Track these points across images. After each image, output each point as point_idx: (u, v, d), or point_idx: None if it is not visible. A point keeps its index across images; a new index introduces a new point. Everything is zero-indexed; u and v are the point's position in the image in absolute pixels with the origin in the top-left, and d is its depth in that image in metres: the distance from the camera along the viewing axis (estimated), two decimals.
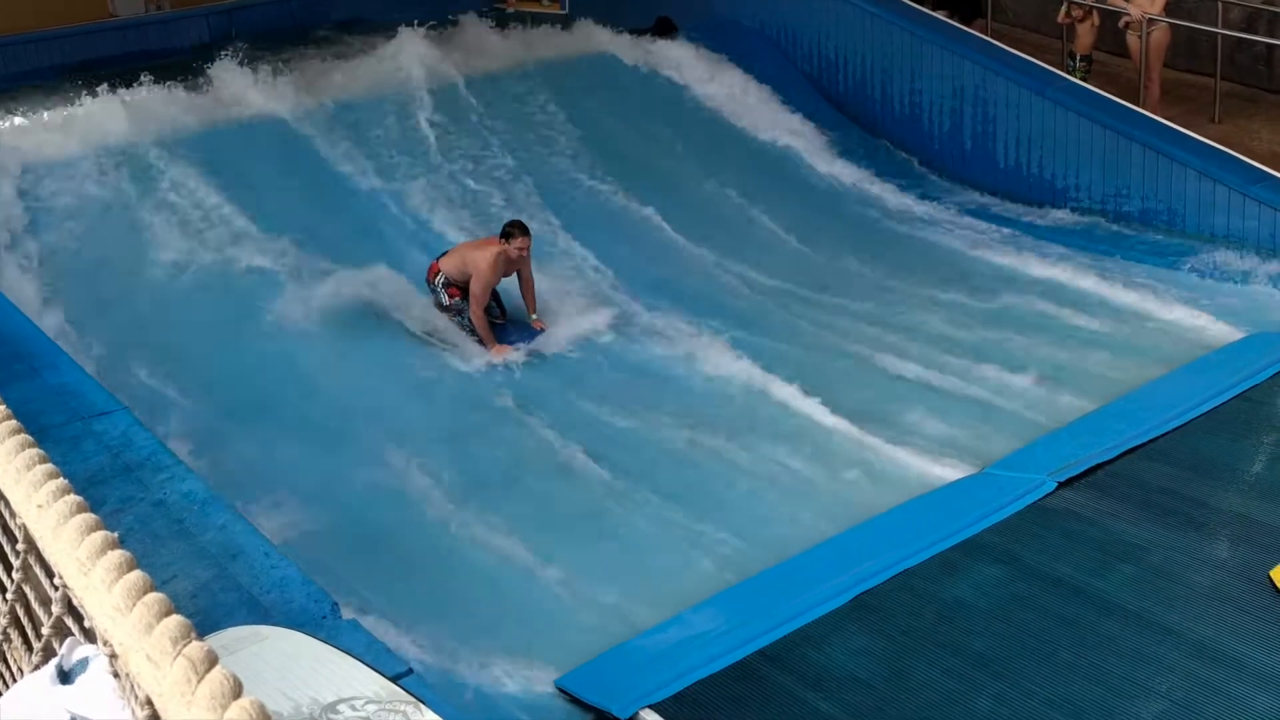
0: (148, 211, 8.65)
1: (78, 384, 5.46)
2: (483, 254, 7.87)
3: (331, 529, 6.06)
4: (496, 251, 7.86)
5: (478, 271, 7.82)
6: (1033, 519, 5.61)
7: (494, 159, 10.00)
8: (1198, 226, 8.96)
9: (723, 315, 8.38)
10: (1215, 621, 4.79)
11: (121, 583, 1.58)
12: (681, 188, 10.14)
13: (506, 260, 7.92)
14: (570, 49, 11.42)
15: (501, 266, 7.93)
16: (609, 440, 6.96)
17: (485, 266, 7.80)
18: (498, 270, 7.91)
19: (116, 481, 4.60)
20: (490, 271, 7.84)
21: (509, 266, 7.99)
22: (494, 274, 7.89)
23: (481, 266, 7.81)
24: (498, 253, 7.86)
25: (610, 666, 4.92)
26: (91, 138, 8.98)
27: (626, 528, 6.15)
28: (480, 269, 7.82)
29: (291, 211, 8.94)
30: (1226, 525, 5.55)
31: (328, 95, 10.03)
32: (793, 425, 7.01)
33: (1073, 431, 6.49)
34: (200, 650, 1.43)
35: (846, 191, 10.43)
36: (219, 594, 3.99)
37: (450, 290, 8.02)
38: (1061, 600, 5.00)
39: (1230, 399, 6.59)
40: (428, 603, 5.51)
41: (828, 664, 4.71)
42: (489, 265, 7.81)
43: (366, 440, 6.95)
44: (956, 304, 8.49)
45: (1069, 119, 9.65)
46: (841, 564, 5.37)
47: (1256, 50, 11.04)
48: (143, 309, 7.93)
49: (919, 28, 10.73)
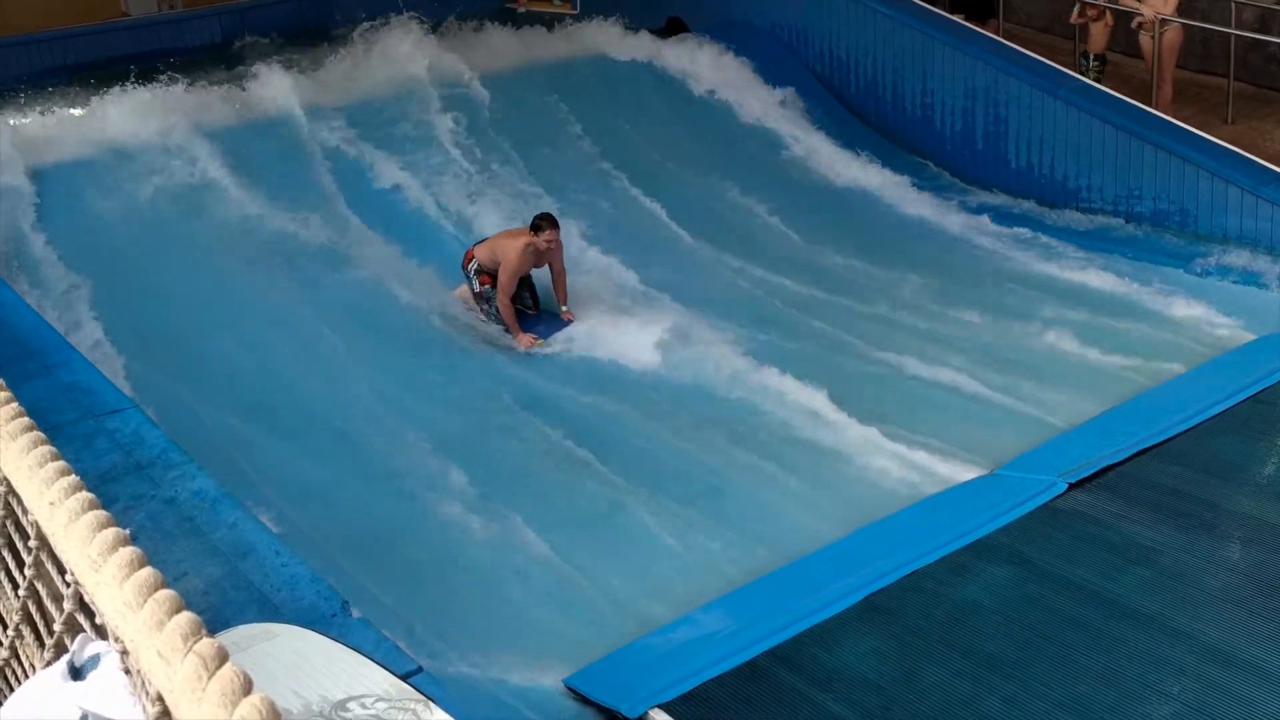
0: (161, 209, 8.68)
1: (90, 381, 5.47)
2: (513, 244, 8.02)
3: (341, 527, 6.08)
4: (525, 242, 7.99)
5: (505, 261, 7.99)
6: (1044, 520, 5.60)
7: (504, 157, 10.02)
8: (1210, 227, 8.92)
9: (734, 315, 8.37)
10: (1227, 624, 4.77)
11: (132, 579, 1.58)
12: (689, 185, 10.14)
13: (535, 251, 8.03)
14: (581, 49, 11.43)
15: (530, 258, 8.06)
16: (618, 439, 6.95)
17: (513, 256, 7.96)
18: (525, 261, 8.04)
19: (128, 479, 4.61)
20: (517, 261, 7.98)
21: (538, 258, 8.11)
22: (520, 264, 8.02)
23: (510, 256, 7.97)
24: (526, 244, 7.98)
25: (619, 665, 4.92)
26: (106, 135, 9.01)
27: (636, 527, 6.15)
28: (508, 258, 7.98)
29: (302, 208, 8.96)
30: (1239, 527, 5.52)
31: (340, 93, 10.05)
32: (803, 425, 7.00)
33: (1084, 432, 6.47)
34: (211, 647, 1.43)
35: (857, 191, 10.41)
36: (230, 591, 3.99)
37: (482, 278, 8.17)
38: (1072, 602, 4.99)
39: (1242, 400, 6.56)
40: (437, 601, 5.52)
41: (838, 665, 4.70)
42: (516, 255, 7.96)
43: (377, 438, 6.96)
44: (966, 304, 8.47)
45: (1081, 119, 9.62)
46: (852, 564, 5.36)
47: (1269, 51, 11.00)
48: (156, 307, 7.95)
49: (930, 28, 10.71)
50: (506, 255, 7.98)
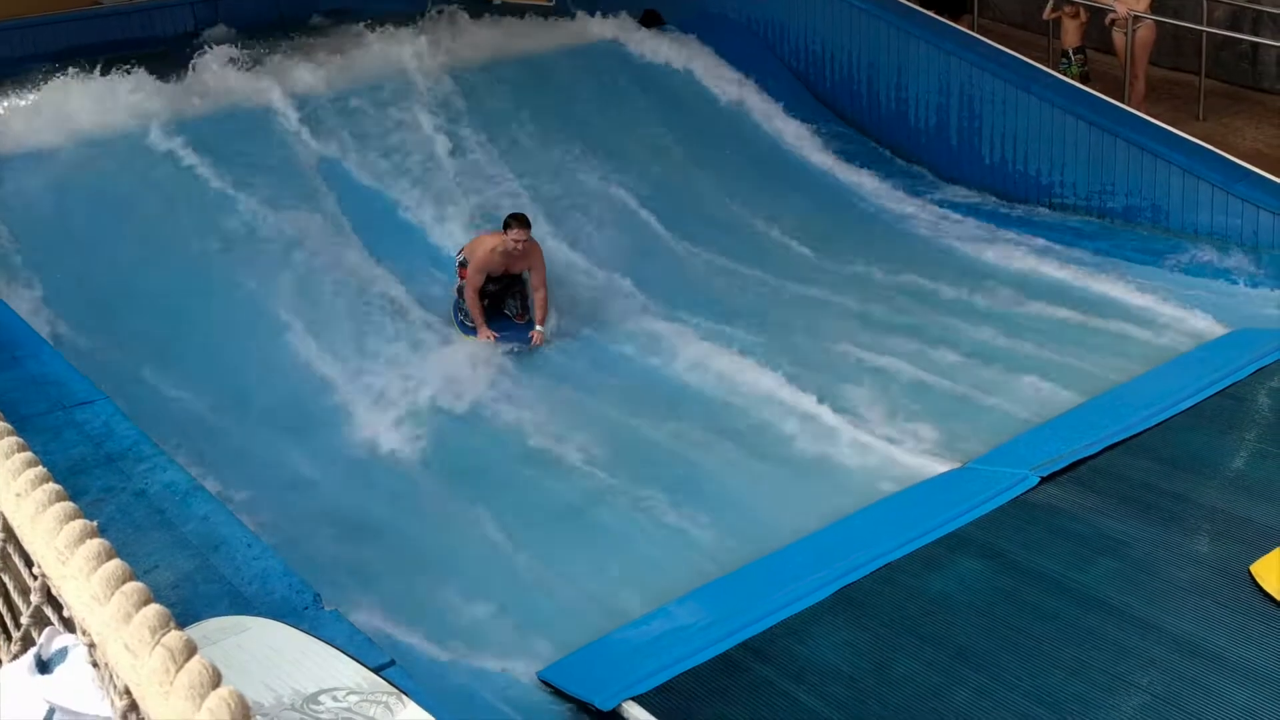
0: (131, 198, 8.59)
1: (59, 373, 5.43)
2: (484, 243, 8.08)
3: (314, 520, 6.05)
4: (495, 243, 7.98)
5: (474, 258, 8.04)
6: (1015, 514, 5.63)
7: (480, 150, 9.97)
8: (1181, 223, 8.99)
9: (708, 309, 8.39)
10: (1196, 616, 4.82)
11: (100, 572, 1.57)
12: (667, 179, 10.12)
13: (505, 252, 7.95)
14: (557, 40, 11.39)
15: (499, 258, 8.00)
16: (593, 433, 6.95)
17: (481, 254, 8.02)
18: (491, 259, 8.00)
19: (98, 471, 4.58)
20: (484, 258, 7.99)
21: (509, 259, 8.02)
22: (486, 261, 8.00)
23: (478, 253, 8.03)
24: (495, 244, 7.97)
25: (593, 659, 4.92)
26: (74, 124, 8.91)
27: (610, 520, 6.15)
28: (476, 255, 8.03)
29: (278, 201, 8.89)
30: (1207, 520, 5.58)
31: (314, 85, 9.98)
32: (776, 419, 7.01)
33: (1055, 426, 6.52)
34: (179, 640, 1.42)
35: (832, 186, 10.43)
36: (200, 585, 3.97)
37: (461, 271, 8.23)
38: (1043, 594, 5.02)
39: (1212, 395, 6.62)
40: (410, 594, 5.51)
41: (811, 657, 4.72)
42: (484, 252, 8.01)
43: (350, 430, 6.94)
44: (939, 299, 8.51)
45: (1054, 115, 9.67)
46: (825, 557, 5.39)
47: (1241, 48, 11.08)
48: (127, 298, 7.88)
49: (905, 23, 10.73)
50: (475, 253, 8.02)
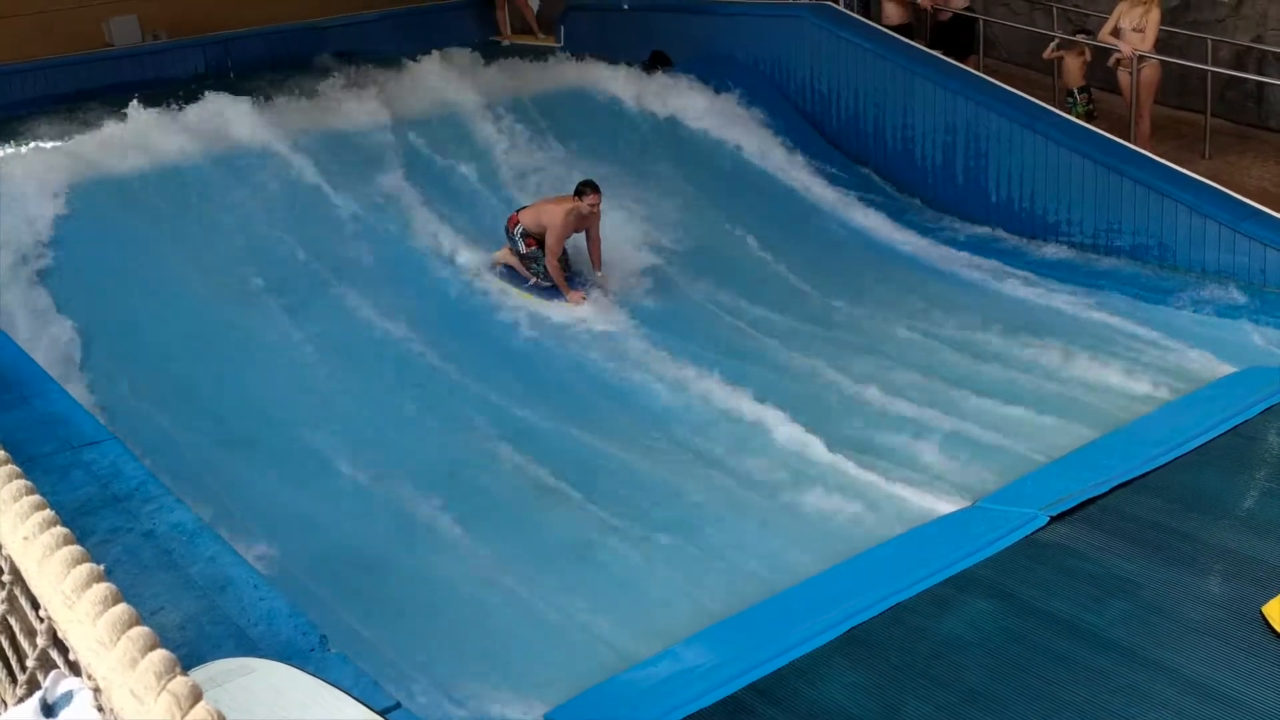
0: (145, 238, 8.65)
1: (68, 413, 5.43)
2: (557, 209, 8.65)
3: (320, 561, 6.03)
4: (570, 207, 8.61)
5: (551, 224, 8.58)
6: (1025, 553, 5.59)
7: (490, 188, 10.03)
8: (1188, 262, 8.99)
9: (715, 346, 8.39)
10: (1207, 657, 4.77)
11: (106, 616, 1.57)
12: (674, 217, 10.17)
13: (578, 216, 8.63)
14: (563, 82, 11.48)
15: (573, 221, 8.66)
16: (600, 472, 6.94)
17: (558, 220, 8.58)
18: (569, 224, 8.63)
19: (105, 512, 4.57)
20: (562, 224, 8.59)
21: (580, 222, 8.71)
22: (565, 227, 8.63)
23: (555, 220, 8.59)
24: (570, 208, 8.60)
25: (600, 700, 4.88)
26: (90, 165, 8.99)
27: (618, 560, 6.12)
28: (554, 222, 8.58)
29: (285, 237, 8.95)
30: (1218, 560, 5.53)
31: (323, 122, 10.07)
32: (784, 458, 6.99)
33: (1065, 465, 6.48)
34: (184, 686, 1.42)
35: (839, 224, 10.46)
36: (206, 626, 3.95)
37: (528, 240, 8.74)
38: (1054, 635, 4.98)
39: (1222, 434, 6.58)
40: (417, 635, 5.48)
41: (819, 699, 4.68)
42: (561, 218, 8.58)
43: (356, 470, 6.93)
44: (946, 337, 8.50)
45: (1060, 154, 9.70)
46: (833, 598, 5.35)
47: (1247, 87, 11.12)
48: (140, 336, 7.92)
49: (912, 63, 10.80)
50: (552, 219, 8.54)
